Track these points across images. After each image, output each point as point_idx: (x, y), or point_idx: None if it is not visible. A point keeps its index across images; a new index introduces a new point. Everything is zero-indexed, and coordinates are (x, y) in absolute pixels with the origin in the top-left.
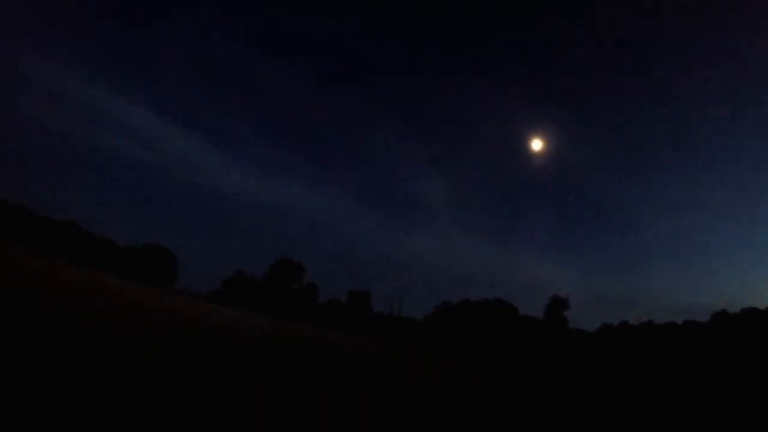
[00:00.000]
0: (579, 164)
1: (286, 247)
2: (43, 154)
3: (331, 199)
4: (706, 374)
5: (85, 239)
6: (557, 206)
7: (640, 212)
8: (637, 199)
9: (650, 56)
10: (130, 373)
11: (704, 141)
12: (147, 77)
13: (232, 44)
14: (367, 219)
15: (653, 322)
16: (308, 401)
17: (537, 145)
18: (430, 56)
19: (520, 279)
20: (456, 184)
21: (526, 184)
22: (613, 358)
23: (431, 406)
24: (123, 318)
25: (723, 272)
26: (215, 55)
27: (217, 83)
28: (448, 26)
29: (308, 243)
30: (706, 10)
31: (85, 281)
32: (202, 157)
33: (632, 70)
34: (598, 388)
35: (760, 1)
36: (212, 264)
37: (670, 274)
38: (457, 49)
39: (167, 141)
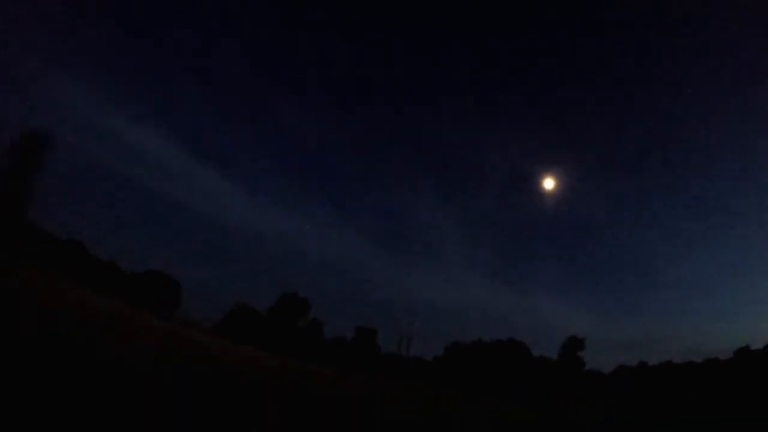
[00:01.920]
0: (593, 204)
1: (294, 283)
2: (53, 172)
3: (341, 236)
4: (731, 414)
5: (88, 261)
6: (571, 246)
7: (656, 251)
8: (653, 238)
9: (666, 94)
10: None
11: (720, 179)
12: (163, 105)
13: (250, 78)
14: (376, 258)
15: (672, 362)
16: None
17: (549, 184)
18: (442, 96)
19: (532, 320)
20: (467, 222)
21: (539, 224)
22: (632, 400)
23: None
24: (113, 340)
25: (743, 310)
26: (232, 87)
27: (232, 115)
28: (461, 68)
29: (316, 280)
30: (723, 44)
31: (80, 301)
32: (214, 188)
33: (647, 108)
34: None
35: None
36: (216, 295)
37: (688, 315)
38: (470, 89)
39: (180, 170)
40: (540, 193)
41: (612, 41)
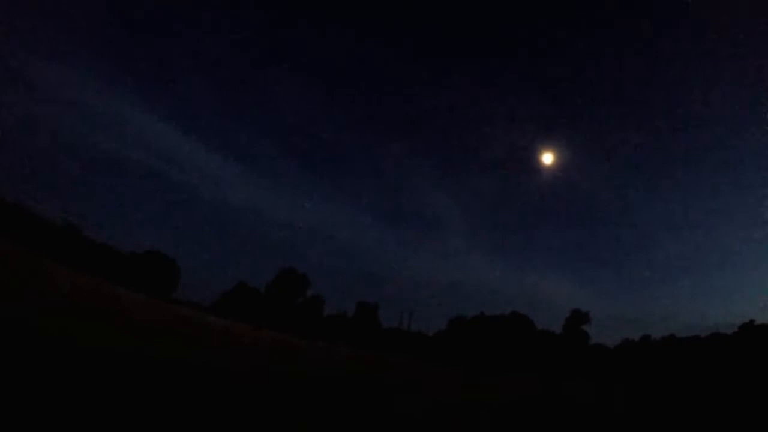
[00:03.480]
0: (593, 180)
1: (293, 262)
2: (47, 156)
3: (340, 214)
4: (735, 389)
5: (83, 244)
6: (571, 223)
7: (658, 226)
8: (655, 214)
9: (666, 72)
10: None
11: (721, 152)
12: (157, 84)
13: (246, 58)
14: (376, 234)
15: (675, 336)
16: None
17: (549, 159)
18: (441, 73)
19: (533, 295)
20: (467, 198)
21: (539, 200)
22: (636, 374)
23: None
24: (117, 327)
25: (747, 285)
26: (228, 66)
27: (227, 94)
28: (459, 44)
29: (315, 258)
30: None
31: (79, 286)
32: (209, 167)
33: (646, 85)
34: (619, 404)
35: None
36: (215, 275)
37: (691, 290)
38: (469, 65)
39: (175, 150)
40: (540, 169)
41: (611, 20)
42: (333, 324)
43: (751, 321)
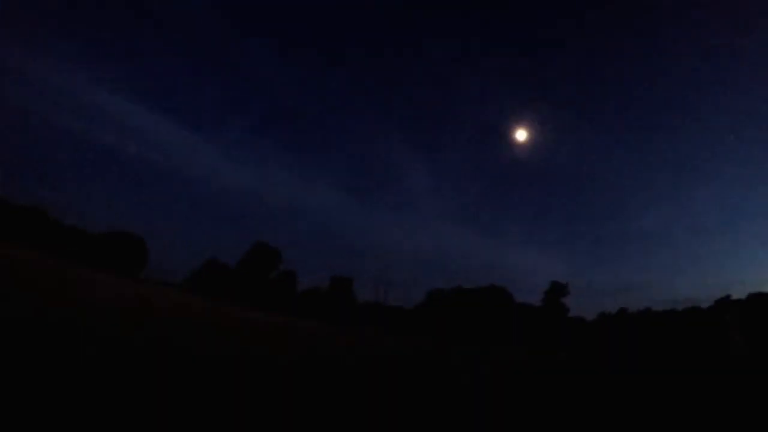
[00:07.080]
0: (567, 151)
1: (264, 236)
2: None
3: (311, 185)
4: (709, 361)
5: (50, 226)
6: (543, 196)
7: (632, 199)
8: (629, 186)
9: (640, 44)
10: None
11: (698, 124)
12: (119, 56)
13: (213, 23)
14: (347, 207)
15: (651, 310)
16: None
17: (522, 135)
18: (416, 41)
19: (513, 267)
20: (441, 170)
21: (511, 173)
22: (614, 346)
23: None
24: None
25: (725, 258)
26: (192, 33)
27: (191, 62)
28: (436, 11)
29: (287, 231)
30: None
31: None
32: (175, 140)
33: (621, 57)
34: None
35: None
36: (185, 252)
37: (667, 263)
38: (445, 34)
39: (138, 123)
40: (512, 142)
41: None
42: (307, 299)
43: (728, 296)
